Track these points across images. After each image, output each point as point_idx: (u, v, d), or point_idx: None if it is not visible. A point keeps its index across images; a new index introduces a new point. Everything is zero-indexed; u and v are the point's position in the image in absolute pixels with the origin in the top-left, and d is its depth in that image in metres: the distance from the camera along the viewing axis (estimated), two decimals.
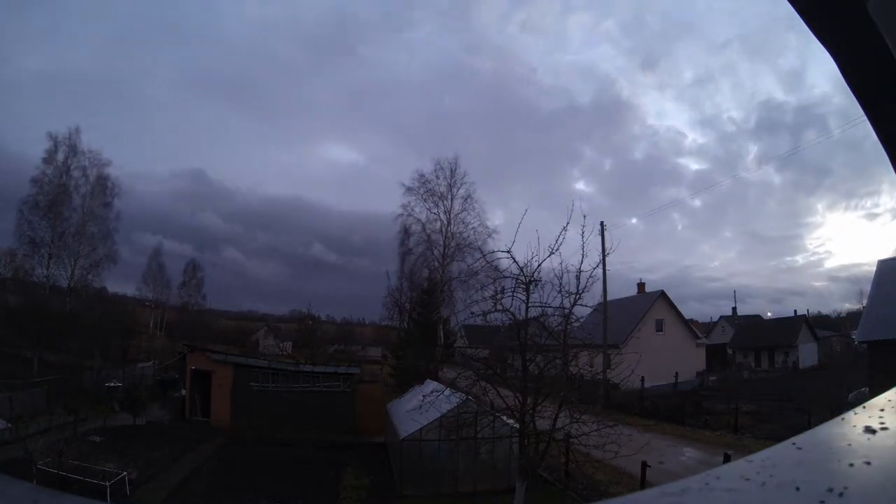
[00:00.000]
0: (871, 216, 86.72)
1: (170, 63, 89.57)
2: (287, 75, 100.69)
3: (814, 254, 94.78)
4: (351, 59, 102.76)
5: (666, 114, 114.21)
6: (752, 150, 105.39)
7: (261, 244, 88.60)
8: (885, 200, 70.03)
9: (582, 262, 9.79)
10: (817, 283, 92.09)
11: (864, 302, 26.69)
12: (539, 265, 9.81)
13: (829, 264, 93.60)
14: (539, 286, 10.05)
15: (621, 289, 36.03)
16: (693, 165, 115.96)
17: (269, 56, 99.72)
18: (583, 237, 9.84)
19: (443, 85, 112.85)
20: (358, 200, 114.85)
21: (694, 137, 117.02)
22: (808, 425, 0.95)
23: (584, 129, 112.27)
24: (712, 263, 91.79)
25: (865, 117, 1.39)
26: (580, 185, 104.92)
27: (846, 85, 1.32)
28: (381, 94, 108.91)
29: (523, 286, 9.96)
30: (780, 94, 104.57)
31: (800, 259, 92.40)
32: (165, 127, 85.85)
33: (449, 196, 37.30)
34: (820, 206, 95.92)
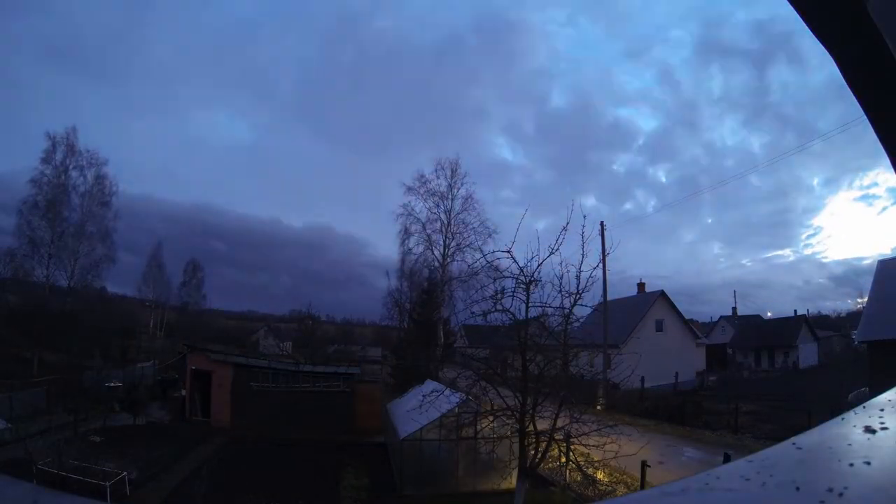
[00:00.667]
0: (868, 199, 79.83)
1: None
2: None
3: (806, 245, 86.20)
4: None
5: (578, 38, 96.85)
6: (710, 93, 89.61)
7: None
8: (884, 179, 63.82)
9: (582, 261, 9.79)
10: (819, 280, 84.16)
11: (862, 301, 26.75)
12: (539, 265, 9.81)
13: (824, 259, 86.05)
14: (539, 286, 10.05)
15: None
16: (642, 122, 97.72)
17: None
18: (583, 237, 9.84)
19: (271, 26, 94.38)
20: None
21: (627, 78, 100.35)
22: (808, 425, 0.94)
23: (475, 68, 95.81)
24: (652, 258, 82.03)
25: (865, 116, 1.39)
26: (506, 155, 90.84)
27: (846, 85, 1.32)
28: (203, 48, 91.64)
29: (523, 286, 9.96)
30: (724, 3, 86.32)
31: (790, 253, 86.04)
32: None
33: (449, 196, 37.33)
34: (811, 184, 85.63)
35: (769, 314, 55.37)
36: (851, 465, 0.62)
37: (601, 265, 16.53)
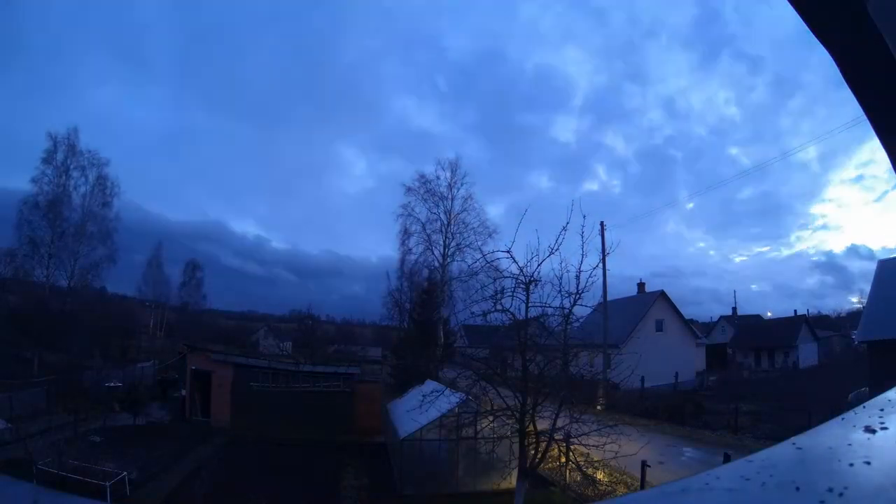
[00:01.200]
0: (864, 180, 70.11)
1: None
2: None
3: (798, 238, 78.00)
4: None
5: None
6: (639, 22, 74.30)
7: None
8: (883, 156, 60.29)
9: (582, 261, 9.79)
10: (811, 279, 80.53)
11: (862, 301, 26.78)
12: (539, 265, 9.81)
13: (818, 251, 78.54)
14: (539, 286, 10.06)
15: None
16: (573, 71, 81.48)
17: None
18: (582, 237, 9.84)
19: None
20: None
21: (534, 9, 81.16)
22: (808, 425, 0.94)
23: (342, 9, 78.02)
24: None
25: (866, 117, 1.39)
26: (422, 122, 79.03)
27: (846, 85, 1.32)
28: None
29: (523, 286, 9.96)
30: None
31: (782, 247, 77.81)
32: None
33: (449, 196, 37.36)
34: (802, 158, 77.70)
35: (769, 314, 55.48)
36: (851, 465, 0.62)
37: (601, 265, 16.55)
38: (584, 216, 9.83)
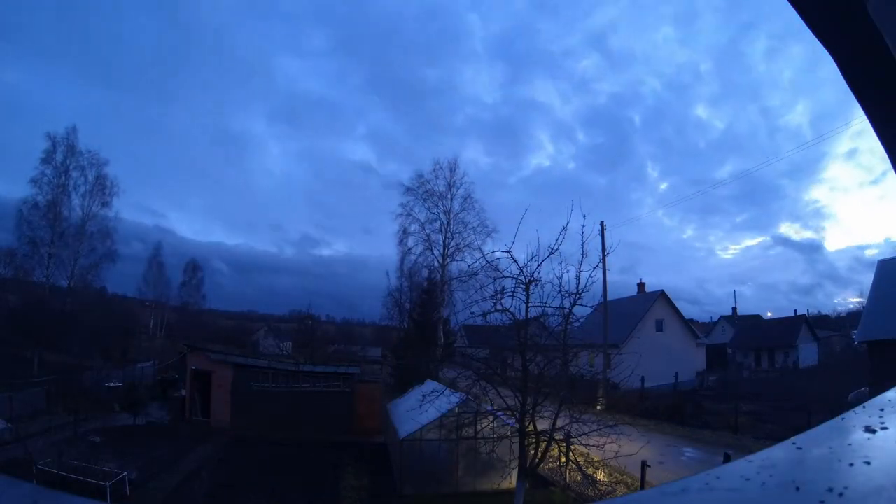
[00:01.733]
0: (857, 155, 62.42)
1: None
2: None
3: (791, 229, 72.98)
4: None
5: None
6: None
7: None
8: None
9: (582, 261, 9.79)
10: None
11: (862, 300, 26.78)
12: (539, 265, 9.81)
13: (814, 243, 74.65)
14: (539, 286, 10.05)
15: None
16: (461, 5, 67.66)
17: None
18: (583, 237, 9.84)
19: None
20: None
21: None
22: (808, 425, 0.94)
23: None
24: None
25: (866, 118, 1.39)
26: (314, 86, 71.25)
27: (846, 85, 1.32)
28: None
29: (523, 286, 9.96)
30: None
31: (770, 239, 73.69)
32: None
33: (448, 196, 37.38)
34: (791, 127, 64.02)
35: (769, 314, 55.47)
36: (851, 465, 0.62)
37: (601, 265, 16.54)
38: (585, 216, 9.84)
